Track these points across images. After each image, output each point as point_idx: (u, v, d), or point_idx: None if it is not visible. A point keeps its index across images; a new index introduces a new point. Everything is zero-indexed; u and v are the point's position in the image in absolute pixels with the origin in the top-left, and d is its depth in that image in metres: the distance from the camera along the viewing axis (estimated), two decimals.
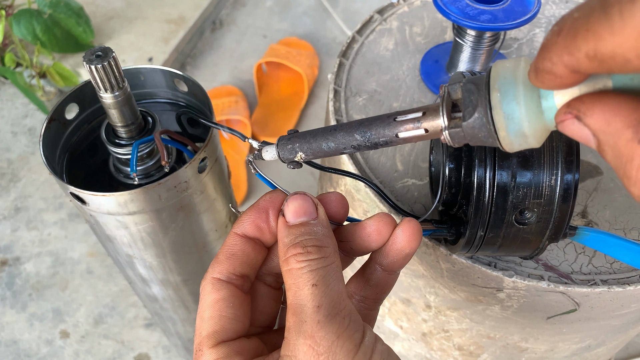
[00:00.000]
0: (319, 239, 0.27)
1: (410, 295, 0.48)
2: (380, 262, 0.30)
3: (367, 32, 0.58)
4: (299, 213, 0.27)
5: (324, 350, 0.24)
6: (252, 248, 0.29)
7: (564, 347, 0.48)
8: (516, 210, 0.27)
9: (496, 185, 0.27)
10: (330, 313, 0.25)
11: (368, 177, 0.46)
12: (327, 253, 0.26)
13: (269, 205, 0.29)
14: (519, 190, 0.27)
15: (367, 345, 0.25)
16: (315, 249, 0.26)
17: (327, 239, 0.27)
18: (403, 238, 0.28)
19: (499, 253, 0.31)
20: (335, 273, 0.26)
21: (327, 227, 0.28)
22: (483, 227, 0.28)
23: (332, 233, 0.28)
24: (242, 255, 0.29)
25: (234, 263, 0.28)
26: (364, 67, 0.54)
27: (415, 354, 0.57)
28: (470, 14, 0.44)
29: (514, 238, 0.29)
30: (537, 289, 0.39)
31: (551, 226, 0.28)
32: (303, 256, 0.26)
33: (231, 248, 0.29)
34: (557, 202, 0.27)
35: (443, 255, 0.41)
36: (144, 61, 1.28)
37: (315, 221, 0.27)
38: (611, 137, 0.18)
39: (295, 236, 0.27)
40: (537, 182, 0.27)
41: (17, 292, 1.02)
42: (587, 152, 0.47)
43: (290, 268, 0.26)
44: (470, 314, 0.45)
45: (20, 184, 1.17)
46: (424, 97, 0.52)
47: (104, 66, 0.34)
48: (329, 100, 0.51)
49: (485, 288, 0.41)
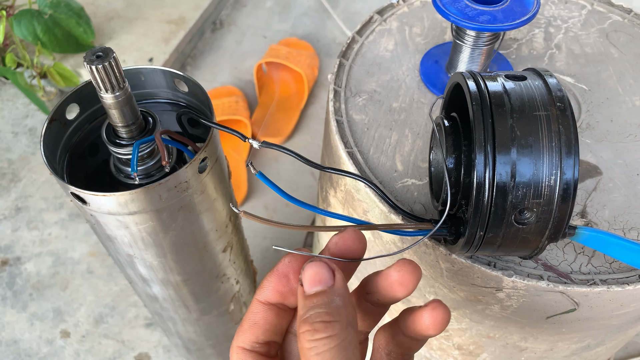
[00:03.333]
0: (330, 313, 0.26)
1: (410, 295, 0.49)
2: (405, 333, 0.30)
3: (367, 33, 0.58)
4: (315, 281, 0.27)
5: None
6: (275, 314, 0.29)
7: (564, 347, 0.48)
8: (516, 210, 0.27)
9: (496, 184, 0.27)
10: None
11: (368, 177, 0.46)
12: (335, 330, 0.25)
13: (289, 270, 0.29)
14: (519, 190, 0.27)
15: None
16: (322, 326, 0.25)
17: (339, 311, 0.26)
18: (429, 323, 0.28)
19: (498, 253, 0.31)
20: (345, 353, 0.25)
21: (344, 295, 0.27)
22: (482, 227, 0.28)
23: (349, 302, 0.27)
24: (264, 324, 0.29)
25: (256, 332, 0.28)
26: (363, 67, 0.55)
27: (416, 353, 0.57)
28: (469, 15, 0.44)
29: (514, 238, 0.29)
30: (537, 289, 0.39)
31: (550, 226, 0.28)
32: (310, 334, 0.25)
33: (254, 316, 0.29)
34: (557, 202, 0.27)
35: (442, 255, 0.41)
36: (144, 61, 1.28)
37: (331, 290, 0.27)
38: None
39: (307, 309, 0.26)
40: (537, 181, 0.27)
41: (17, 291, 1.03)
42: (586, 152, 0.47)
43: (302, 346, 0.26)
44: (470, 313, 0.45)
45: (21, 184, 1.17)
46: (424, 98, 0.52)
47: (105, 66, 0.34)
48: (329, 101, 0.51)
49: (485, 288, 0.41)
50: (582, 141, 0.48)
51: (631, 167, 0.46)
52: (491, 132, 0.27)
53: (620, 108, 0.50)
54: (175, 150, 0.45)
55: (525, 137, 0.27)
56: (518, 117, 0.27)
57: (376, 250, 0.49)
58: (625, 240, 0.32)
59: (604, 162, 0.46)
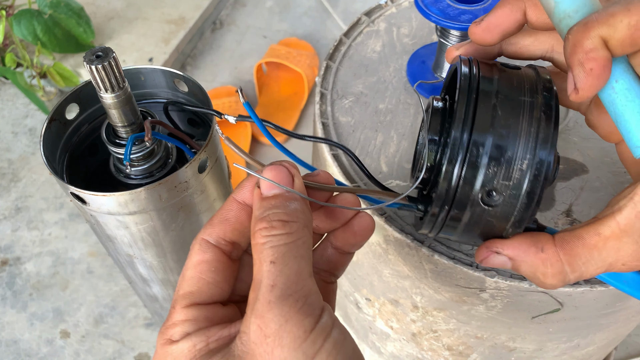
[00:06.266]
0: (288, 213, 0.26)
1: (398, 296, 0.49)
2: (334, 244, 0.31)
3: (354, 35, 0.58)
4: (273, 185, 0.27)
5: (271, 332, 0.23)
6: (247, 215, 0.28)
7: (553, 347, 0.48)
8: (484, 188, 0.27)
9: (468, 158, 0.27)
10: (283, 294, 0.24)
11: (352, 179, 0.46)
12: (292, 229, 0.25)
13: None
14: (489, 168, 0.27)
15: (319, 332, 0.23)
16: (280, 224, 0.25)
17: (297, 214, 0.26)
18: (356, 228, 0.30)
19: (462, 238, 0.31)
20: (299, 250, 0.25)
21: (301, 200, 0.27)
22: (449, 201, 0.28)
23: (307, 207, 0.27)
24: (235, 222, 0.28)
25: (225, 228, 0.28)
26: (350, 69, 0.54)
27: (407, 354, 0.57)
28: (451, 15, 0.45)
29: (478, 219, 0.28)
30: (520, 289, 0.40)
31: (516, 212, 0.27)
32: (267, 231, 0.25)
33: (226, 213, 0.28)
34: (526, 188, 0.27)
35: (426, 256, 0.41)
36: (144, 61, 1.28)
37: (289, 193, 0.27)
38: (523, 255, 0.28)
39: (265, 209, 0.26)
40: (509, 163, 0.26)
41: (17, 291, 1.03)
42: (573, 150, 0.47)
43: (255, 242, 0.25)
44: (457, 314, 0.45)
45: (21, 184, 1.17)
46: (410, 99, 0.52)
47: (105, 66, 0.34)
48: (316, 104, 0.51)
49: (468, 288, 0.41)
50: (569, 139, 0.48)
51: (618, 165, 0.46)
52: (473, 107, 0.27)
53: None
54: (175, 149, 0.45)
55: (505, 118, 0.27)
56: (503, 98, 0.27)
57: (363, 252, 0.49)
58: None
59: (591, 160, 0.46)
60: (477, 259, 0.30)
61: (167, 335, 0.26)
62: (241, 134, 1.22)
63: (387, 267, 0.46)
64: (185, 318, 0.26)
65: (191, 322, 0.26)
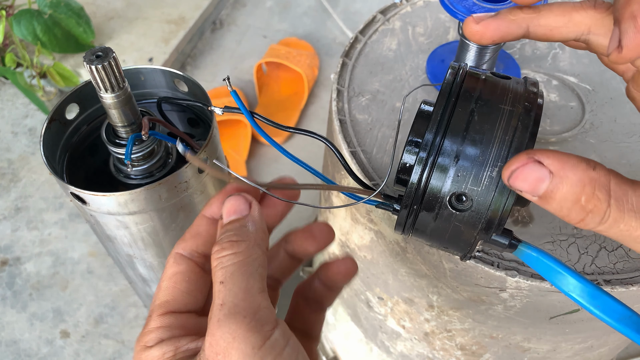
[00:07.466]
0: (237, 234, 0.27)
1: (413, 295, 0.48)
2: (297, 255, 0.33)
3: (370, 32, 0.58)
4: (230, 212, 0.28)
5: (220, 350, 0.24)
6: (216, 229, 0.30)
7: (567, 347, 0.48)
8: (452, 192, 0.27)
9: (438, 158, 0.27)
10: (231, 311, 0.24)
11: (371, 177, 0.46)
12: (241, 247, 0.26)
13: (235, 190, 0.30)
14: (459, 171, 0.27)
15: (269, 349, 0.24)
16: (229, 245, 0.27)
17: (247, 233, 0.27)
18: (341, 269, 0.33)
19: (432, 241, 0.30)
20: (248, 268, 0.26)
21: (257, 222, 0.28)
22: (417, 201, 0.28)
23: (260, 228, 0.28)
24: (206, 235, 0.30)
25: (197, 242, 0.30)
26: (366, 67, 0.54)
27: (418, 353, 0.57)
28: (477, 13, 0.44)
29: (446, 223, 0.28)
30: (540, 289, 0.39)
31: (483, 220, 0.27)
32: (217, 253, 0.26)
33: (197, 228, 0.30)
34: (494, 195, 0.27)
35: (446, 255, 0.41)
36: (144, 61, 1.28)
37: (244, 218, 0.28)
38: (571, 170, 0.23)
39: (220, 234, 0.28)
40: (479, 169, 0.26)
41: (17, 292, 1.02)
42: (590, 152, 0.47)
43: (212, 266, 0.27)
44: (473, 313, 0.45)
45: (21, 184, 1.17)
46: (427, 98, 0.52)
47: (104, 66, 0.34)
48: (332, 100, 0.51)
49: (488, 288, 0.41)
50: (586, 141, 0.48)
51: (635, 167, 0.46)
52: (450, 110, 0.27)
53: (624, 108, 0.50)
54: (175, 150, 0.45)
55: (481, 123, 0.27)
56: (482, 104, 0.27)
57: (379, 250, 0.49)
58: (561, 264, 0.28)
59: (608, 162, 0.46)
60: (507, 170, 0.24)
61: (142, 342, 0.27)
62: (241, 134, 1.22)
63: (404, 266, 0.46)
64: (161, 325, 0.27)
65: (165, 328, 0.27)
